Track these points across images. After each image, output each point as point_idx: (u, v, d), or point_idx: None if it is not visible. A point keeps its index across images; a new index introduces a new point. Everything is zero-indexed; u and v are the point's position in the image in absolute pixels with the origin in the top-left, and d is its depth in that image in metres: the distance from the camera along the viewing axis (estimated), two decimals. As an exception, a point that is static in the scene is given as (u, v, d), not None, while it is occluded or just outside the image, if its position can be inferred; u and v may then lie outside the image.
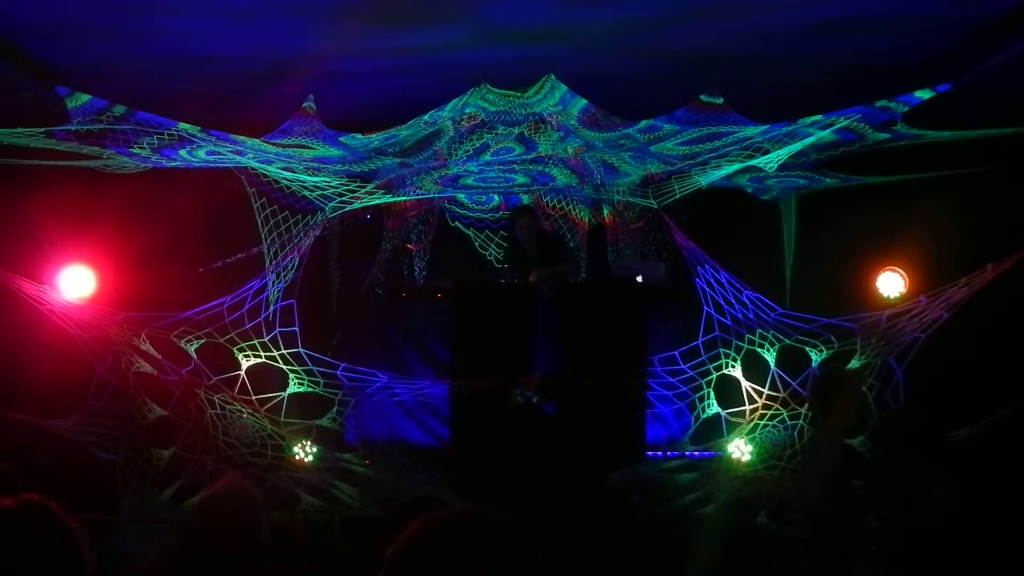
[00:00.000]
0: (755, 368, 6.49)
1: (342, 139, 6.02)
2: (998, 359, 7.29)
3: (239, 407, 6.21)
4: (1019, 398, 5.67)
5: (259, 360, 6.21)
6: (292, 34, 6.01)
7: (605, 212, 8.51)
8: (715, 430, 6.78)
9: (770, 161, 6.07)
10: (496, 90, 5.68)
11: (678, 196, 6.97)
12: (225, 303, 6.00)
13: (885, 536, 4.26)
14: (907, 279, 8.18)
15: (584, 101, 5.79)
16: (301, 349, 6.18)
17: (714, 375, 6.61)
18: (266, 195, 6.33)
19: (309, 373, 6.29)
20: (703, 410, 6.74)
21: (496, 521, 1.60)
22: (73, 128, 5.30)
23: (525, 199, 8.50)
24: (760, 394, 6.42)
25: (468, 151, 6.56)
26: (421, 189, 7.49)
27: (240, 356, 6.18)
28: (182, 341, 6.07)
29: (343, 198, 6.56)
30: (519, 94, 5.76)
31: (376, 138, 6.04)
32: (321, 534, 5.96)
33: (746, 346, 6.44)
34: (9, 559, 1.85)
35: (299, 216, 6.39)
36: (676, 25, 5.86)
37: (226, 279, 6.58)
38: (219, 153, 6.04)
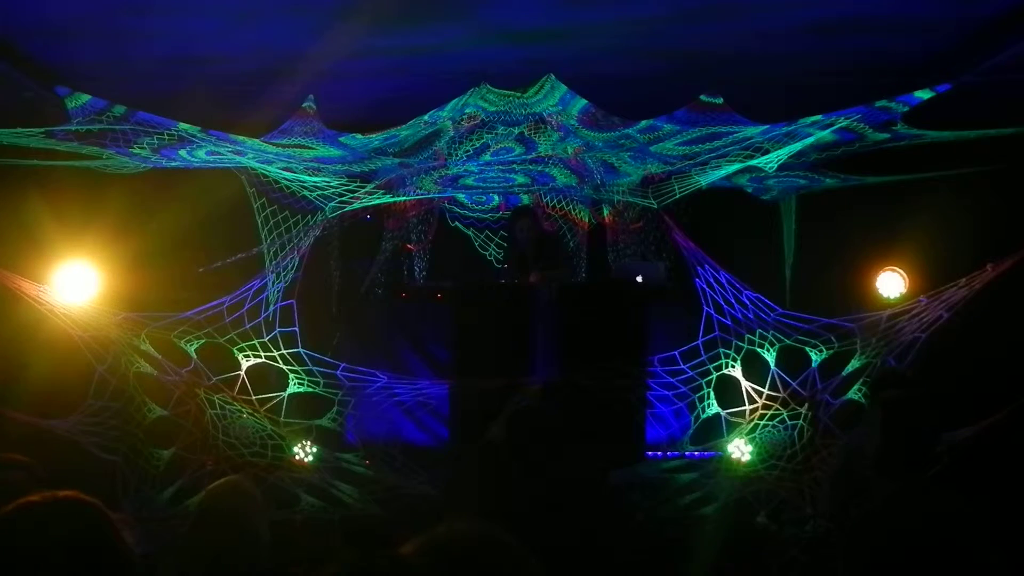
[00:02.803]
0: (755, 368, 6.49)
1: (342, 139, 6.02)
2: (998, 359, 7.29)
3: (239, 407, 6.21)
4: (1019, 398, 5.67)
5: (259, 360, 6.21)
6: (292, 34, 6.01)
7: (605, 212, 8.52)
8: (715, 430, 6.78)
9: (770, 161, 6.07)
10: (496, 90, 5.68)
11: (678, 196, 6.97)
12: (225, 303, 6.00)
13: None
14: (907, 279, 8.18)
15: (584, 101, 5.79)
16: (301, 349, 6.18)
17: (714, 375, 6.60)
18: (266, 195, 6.33)
19: (309, 373, 6.29)
20: (703, 410, 6.74)
21: (496, 541, 1.60)
22: (73, 128, 5.30)
23: (525, 199, 8.50)
24: (760, 394, 6.42)
25: (468, 151, 6.56)
26: (421, 189, 7.49)
27: (240, 356, 6.18)
28: (182, 341, 6.06)
29: (343, 198, 6.56)
30: (519, 94, 5.76)
31: (376, 138, 6.04)
32: (321, 534, 5.95)
33: (746, 346, 6.44)
34: (48, 556, 1.82)
35: (299, 216, 6.39)
36: (676, 25, 5.86)
37: (226, 279, 6.58)
38: (219, 153, 6.04)
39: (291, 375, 6.31)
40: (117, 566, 1.89)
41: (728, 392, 6.64)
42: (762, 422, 6.44)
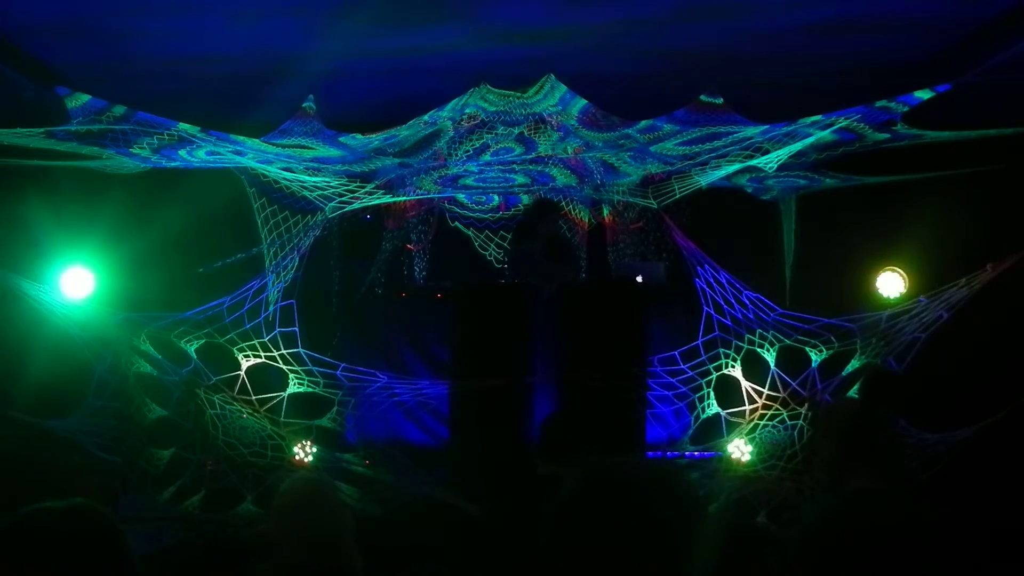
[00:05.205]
0: (755, 368, 6.49)
1: (342, 139, 6.02)
2: (998, 359, 7.29)
3: (239, 407, 6.21)
4: (1019, 398, 5.67)
5: (259, 360, 6.21)
6: (292, 34, 6.01)
7: (605, 212, 8.51)
8: (715, 430, 6.78)
9: (770, 161, 6.07)
10: (496, 90, 5.68)
11: (678, 196, 6.97)
12: (225, 303, 6.00)
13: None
14: (907, 279, 8.18)
15: (584, 101, 5.79)
16: (301, 349, 6.18)
17: (714, 375, 6.60)
18: (266, 195, 6.33)
19: (309, 373, 6.29)
20: (703, 410, 6.73)
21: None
22: (73, 128, 5.30)
23: (525, 199, 8.50)
24: (760, 394, 6.42)
25: (468, 151, 6.56)
26: (421, 189, 7.49)
27: (240, 356, 6.18)
28: (182, 341, 6.07)
29: (343, 198, 6.56)
30: (519, 94, 5.76)
31: (376, 138, 6.04)
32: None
33: (746, 346, 6.44)
34: (61, 560, 1.89)
35: (299, 216, 6.39)
36: (676, 25, 5.86)
37: (226, 279, 6.58)
38: (219, 153, 6.04)
39: (291, 375, 6.31)
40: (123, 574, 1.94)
41: (728, 392, 6.64)
42: (762, 422, 6.44)
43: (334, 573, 2.94)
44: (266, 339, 6.12)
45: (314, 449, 6.62)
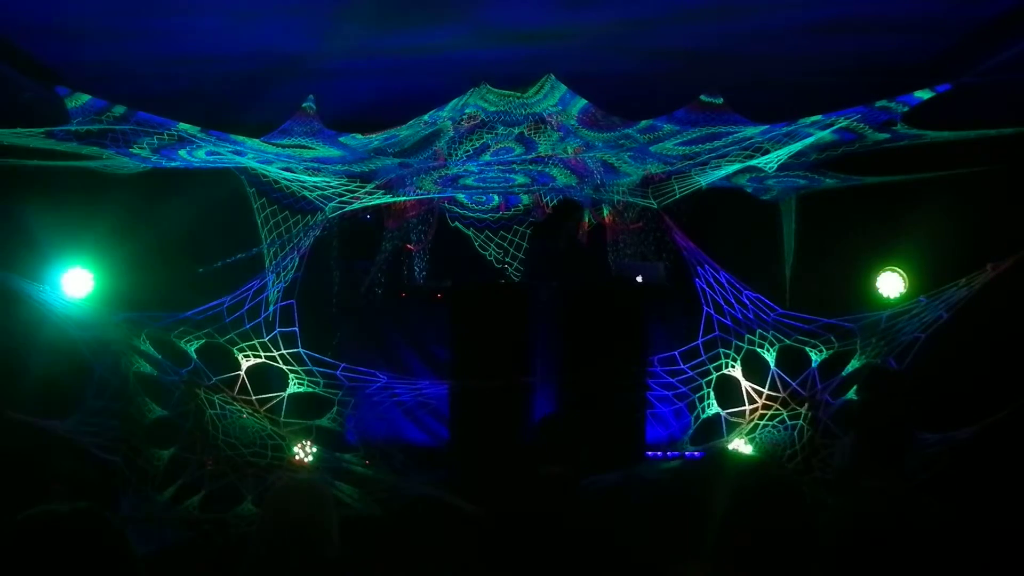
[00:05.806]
0: (755, 368, 6.49)
1: (342, 139, 6.02)
2: (998, 359, 7.29)
3: (239, 407, 6.21)
4: (1019, 398, 5.67)
5: (259, 360, 6.21)
6: (292, 34, 6.02)
7: (605, 212, 8.51)
8: (715, 430, 6.78)
9: (770, 161, 6.07)
10: (496, 90, 5.67)
11: (678, 196, 6.97)
12: (225, 303, 6.00)
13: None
14: (907, 279, 8.19)
15: (584, 101, 5.79)
16: (301, 349, 6.18)
17: (714, 375, 6.61)
18: (266, 195, 6.33)
19: (309, 373, 6.29)
20: (703, 410, 6.74)
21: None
22: (73, 128, 5.29)
23: (525, 199, 8.50)
24: (760, 394, 6.42)
25: (468, 151, 6.56)
26: (421, 189, 7.49)
27: (240, 356, 6.18)
28: (182, 341, 6.07)
29: (343, 198, 6.56)
30: (519, 94, 5.76)
31: (376, 138, 6.03)
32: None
33: (746, 346, 6.44)
34: (66, 565, 1.89)
35: (299, 216, 6.39)
36: (676, 25, 5.86)
37: (226, 279, 6.59)
38: (219, 153, 6.04)
39: (291, 375, 6.31)
40: None
41: (728, 392, 6.64)
42: (762, 422, 6.45)
43: (321, 569, 2.96)
44: (266, 339, 6.13)
45: (314, 449, 6.62)
